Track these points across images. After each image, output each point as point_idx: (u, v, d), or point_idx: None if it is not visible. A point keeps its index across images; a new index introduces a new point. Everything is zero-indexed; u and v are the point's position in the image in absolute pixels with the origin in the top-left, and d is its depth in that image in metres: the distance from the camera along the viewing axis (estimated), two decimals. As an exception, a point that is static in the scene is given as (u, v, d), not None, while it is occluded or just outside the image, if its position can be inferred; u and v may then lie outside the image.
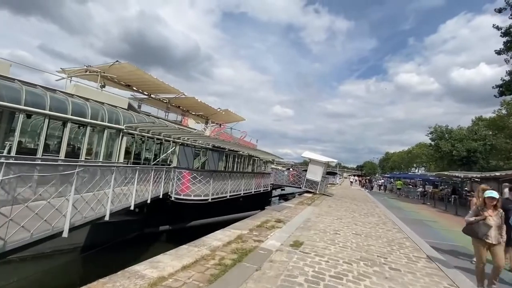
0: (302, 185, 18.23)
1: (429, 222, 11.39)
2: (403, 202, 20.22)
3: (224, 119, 28.27)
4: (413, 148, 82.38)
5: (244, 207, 16.65)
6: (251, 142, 24.19)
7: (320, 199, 15.19)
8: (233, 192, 13.16)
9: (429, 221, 11.54)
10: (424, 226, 10.15)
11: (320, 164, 17.94)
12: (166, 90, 19.75)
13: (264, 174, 17.80)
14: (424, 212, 14.95)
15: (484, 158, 38.54)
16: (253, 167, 24.82)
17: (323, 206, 12.08)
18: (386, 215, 11.58)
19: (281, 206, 10.62)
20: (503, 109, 41.56)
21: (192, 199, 10.30)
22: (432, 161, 62.10)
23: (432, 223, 11.14)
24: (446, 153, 42.43)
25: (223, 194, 11.96)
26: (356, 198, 18.15)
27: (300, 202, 12.61)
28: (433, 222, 11.32)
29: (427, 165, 70.78)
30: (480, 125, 43.17)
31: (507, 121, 40.24)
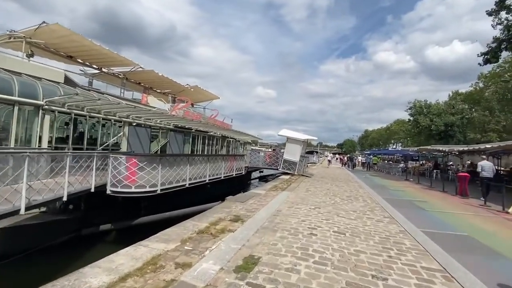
0: (279, 167, 16.33)
1: (419, 202, 9.85)
2: (386, 180, 18.97)
3: (195, 98, 25.40)
4: (392, 125, 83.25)
5: (214, 195, 14.57)
6: (225, 122, 21.77)
7: (298, 181, 13.34)
8: (195, 179, 10.96)
9: (419, 202, 10.01)
10: (416, 209, 8.51)
11: (298, 143, 16.01)
12: (118, 62, 16.63)
13: (236, 156, 15.64)
14: (410, 190, 13.57)
15: (461, 131, 38.53)
16: (228, 149, 22.59)
17: (300, 191, 10.19)
18: (372, 197, 9.91)
19: (248, 194, 8.58)
20: (480, 82, 41.43)
21: (132, 191, 7.99)
22: (409, 137, 62.73)
23: (422, 203, 9.59)
24: (425, 128, 42.14)
25: (179, 183, 9.72)
26: (337, 178, 16.57)
27: (274, 187, 10.65)
28: (423, 203, 9.79)
29: (404, 141, 71.77)
30: (457, 99, 43.00)
31: (483, 94, 40.17)
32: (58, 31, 12.12)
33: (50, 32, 12.11)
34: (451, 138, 39.37)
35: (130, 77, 19.30)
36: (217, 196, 15.07)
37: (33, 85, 9.10)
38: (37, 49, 13.62)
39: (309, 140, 17.78)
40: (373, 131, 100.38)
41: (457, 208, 9.20)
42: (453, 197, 11.64)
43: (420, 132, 44.23)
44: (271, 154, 17.30)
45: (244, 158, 17.24)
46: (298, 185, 11.69)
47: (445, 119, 39.33)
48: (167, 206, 11.51)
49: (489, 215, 8.23)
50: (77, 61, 16.15)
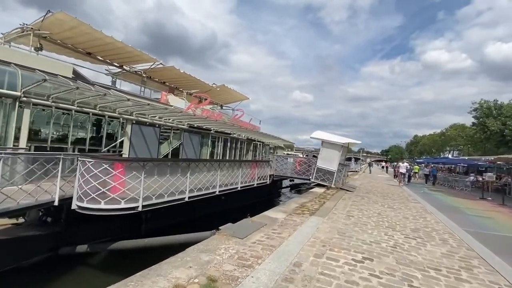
0: (311, 176, 13.15)
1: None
2: (453, 198, 14.46)
3: (222, 99, 23.48)
4: (447, 130, 72.75)
5: (233, 206, 12.04)
6: (252, 124, 19.27)
7: (335, 198, 10.08)
8: (200, 191, 8.52)
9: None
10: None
11: (336, 147, 12.69)
12: (137, 58, 15.25)
13: (259, 163, 12.94)
14: (501, 218, 9.38)
15: (547, 137, 30.51)
16: (255, 153, 19.99)
17: (337, 216, 7.04)
18: (452, 231, 6.34)
19: (258, 221, 5.72)
20: None
21: (102, 208, 5.78)
22: (471, 143, 53.45)
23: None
24: (495, 133, 34.61)
25: (175, 196, 7.35)
26: (388, 194, 12.77)
27: (300, 207, 7.64)
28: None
29: (464, 148, 61.83)
30: (541, 98, 34.51)
31: None
32: (64, 20, 10.86)
33: (57, 22, 10.91)
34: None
35: (153, 76, 17.96)
36: (235, 209, 12.53)
37: (12, 73, 7.59)
38: (51, 44, 12.73)
39: (350, 144, 14.28)
40: (423, 137, 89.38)
41: None
42: None
43: (488, 138, 36.53)
44: (302, 161, 14.21)
45: (270, 164, 14.44)
46: (335, 205, 8.48)
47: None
48: (174, 219, 9.34)
49: None
50: (98, 59, 15.16)
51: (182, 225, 9.40)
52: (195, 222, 10.12)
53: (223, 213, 11.05)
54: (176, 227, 9.13)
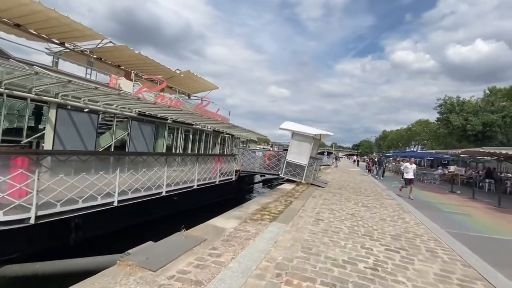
0: (280, 172, 11.80)
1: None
2: (425, 192, 13.92)
3: (189, 87, 21.37)
4: (413, 126, 76.10)
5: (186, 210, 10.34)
6: (219, 114, 17.51)
7: (304, 195, 8.78)
8: (138, 192, 6.75)
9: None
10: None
11: (307, 139, 11.42)
12: (80, 34, 12.80)
13: (222, 157, 11.33)
14: (478, 214, 8.68)
15: (503, 132, 32.15)
16: (223, 147, 18.29)
17: (303, 221, 5.67)
18: (437, 236, 5.25)
19: (197, 234, 4.12)
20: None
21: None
22: (434, 138, 56.00)
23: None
24: (457, 128, 35.97)
25: (96, 201, 5.53)
26: (361, 189, 11.81)
27: (260, 211, 6.16)
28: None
29: (427, 142, 64.80)
30: (498, 95, 36.44)
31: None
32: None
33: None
34: (489, 140, 33.07)
35: (104, 57, 15.47)
36: (195, 209, 10.84)
37: None
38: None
39: (321, 135, 13.11)
40: (391, 132, 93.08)
41: None
42: None
43: (451, 132, 38.00)
44: (271, 155, 12.81)
45: (236, 159, 12.87)
46: (303, 205, 7.14)
47: (483, 117, 33.02)
48: (116, 225, 7.45)
49: None
50: (30, 33, 12.47)
51: (126, 232, 7.59)
52: (143, 227, 8.33)
53: (178, 215, 9.35)
54: (118, 236, 7.31)
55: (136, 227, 8.07)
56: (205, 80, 20.47)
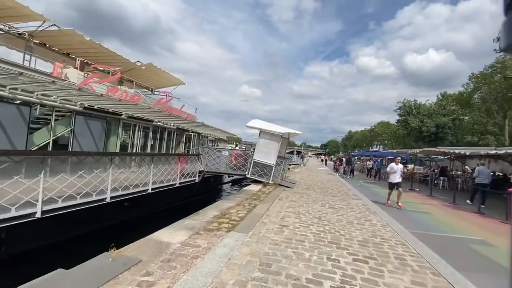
0: (247, 172, 11.16)
1: (485, 250, 5.06)
2: (386, 190, 14.27)
3: (152, 81, 19.82)
4: (375, 127, 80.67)
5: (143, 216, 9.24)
6: (184, 111, 16.39)
7: (270, 198, 8.23)
8: (70, 200, 5.61)
9: (482, 250, 5.21)
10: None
11: (275, 138, 10.93)
12: (14, 13, 10.94)
13: (183, 157, 10.37)
14: (437, 213, 8.86)
15: (453, 134, 35.06)
16: (189, 146, 17.18)
17: (266, 228, 5.06)
18: (404, 241, 4.98)
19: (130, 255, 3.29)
20: (470, 83, 38.24)
21: None
22: (394, 138, 59.70)
23: (490, 251, 4.82)
24: (414, 129, 38.53)
25: (10, 212, 4.37)
26: (328, 189, 11.63)
27: (218, 218, 5.41)
28: (488, 248, 5.03)
29: (388, 142, 68.98)
30: (448, 100, 39.72)
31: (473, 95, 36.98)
32: None
33: None
34: (441, 141, 35.89)
35: (48, 42, 13.50)
36: (153, 214, 9.75)
37: None
38: None
39: (290, 134, 12.74)
40: (356, 133, 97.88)
41: None
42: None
43: (409, 133, 40.63)
44: (238, 154, 12.12)
45: (200, 158, 11.96)
46: (268, 209, 6.55)
47: (436, 120, 35.75)
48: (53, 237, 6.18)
49: None
50: None
51: (52, 249, 6.35)
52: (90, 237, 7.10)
53: (127, 225, 8.25)
54: (40, 255, 6.07)
55: (68, 241, 6.83)
56: (170, 75, 19.09)
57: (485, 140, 29.58)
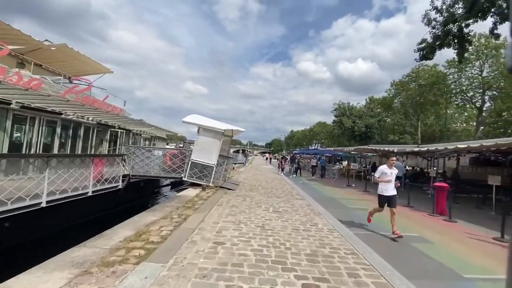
0: (184, 174, 9.72)
1: (427, 248, 4.98)
2: (327, 187, 14.64)
3: (70, 67, 16.30)
4: (314, 127, 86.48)
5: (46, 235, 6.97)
6: (107, 103, 13.78)
7: (207, 205, 7.05)
8: None
9: (424, 246, 5.14)
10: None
11: (216, 135, 9.76)
12: None
13: (98, 159, 8.34)
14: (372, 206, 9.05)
15: (379, 133, 39.47)
16: (115, 145, 14.61)
17: (194, 253, 3.92)
18: (354, 249, 4.48)
19: None
20: (392, 89, 43.74)
21: None
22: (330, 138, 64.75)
23: (432, 250, 4.74)
24: (348, 129, 42.09)
25: None
26: (273, 189, 11.04)
27: (130, 242, 3.99)
28: (429, 246, 4.98)
29: (325, 141, 74.64)
30: (375, 103, 44.62)
31: (394, 100, 42.42)
32: None
33: None
34: (369, 139, 40.07)
35: None
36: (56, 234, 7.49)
37: None
38: None
39: (233, 131, 11.73)
40: (297, 132, 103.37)
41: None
42: (452, 226, 7.39)
43: (343, 133, 44.27)
44: (174, 154, 10.53)
45: (126, 160, 9.98)
46: (203, 220, 5.39)
47: (366, 121, 39.74)
48: None
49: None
50: None
51: None
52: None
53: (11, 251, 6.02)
54: None
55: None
56: (92, 60, 15.91)
57: (404, 139, 33.99)
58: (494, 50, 24.05)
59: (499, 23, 14.73)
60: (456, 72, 28.70)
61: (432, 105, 33.54)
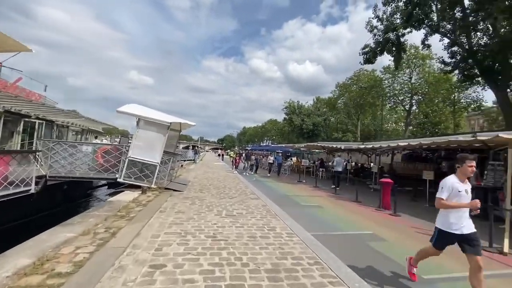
0: (119, 175, 8.22)
1: (382, 246, 4.91)
2: (280, 184, 14.54)
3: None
4: (266, 124, 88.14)
5: None
6: (19, 86, 11.05)
7: (145, 213, 5.90)
8: None
9: (378, 244, 5.08)
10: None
11: (160, 129, 8.47)
12: None
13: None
14: (328, 206, 9.05)
15: (325, 131, 41.95)
16: (31, 139, 11.86)
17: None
18: (317, 258, 4.06)
19: None
20: (336, 90, 46.92)
21: None
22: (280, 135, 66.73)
23: (385, 246, 4.68)
24: (297, 127, 43.71)
25: None
26: (225, 188, 10.25)
27: (20, 277, 2.82)
28: (382, 243, 4.95)
29: (276, 138, 76.77)
30: (321, 103, 47.28)
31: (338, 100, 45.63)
32: None
33: None
34: (316, 137, 42.34)
35: None
36: None
37: None
38: None
39: (182, 125, 10.51)
40: (249, 129, 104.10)
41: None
42: (398, 221, 7.70)
43: (293, 130, 45.86)
44: (108, 151, 8.85)
45: (40, 157, 7.95)
46: (136, 236, 4.32)
47: (313, 119, 41.79)
48: None
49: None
50: None
51: None
52: None
53: None
54: None
55: None
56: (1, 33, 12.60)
57: (346, 137, 36.73)
58: (421, 60, 27.64)
59: (430, 34, 16.71)
60: (391, 77, 32.18)
61: (370, 107, 37.04)
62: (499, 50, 13.35)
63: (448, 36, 16.12)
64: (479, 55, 14.88)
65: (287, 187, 13.10)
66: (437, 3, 15.41)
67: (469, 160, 3.11)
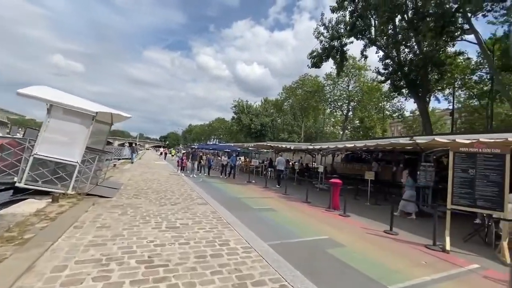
0: (19, 178, 6.18)
1: (342, 257, 4.60)
2: (229, 184, 13.70)
3: None
4: (213, 122, 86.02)
5: None
6: None
7: (52, 230, 4.33)
8: None
9: (339, 254, 4.76)
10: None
11: (82, 120, 6.69)
12: None
13: None
14: (282, 209, 8.63)
15: (272, 132, 42.79)
16: None
17: None
18: (283, 280, 3.39)
19: None
20: (283, 93, 48.48)
21: None
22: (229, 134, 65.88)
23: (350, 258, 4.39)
24: (245, 126, 43.55)
25: None
26: (167, 192, 8.89)
27: None
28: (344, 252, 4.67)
29: (223, 137, 75.54)
30: (269, 104, 48.19)
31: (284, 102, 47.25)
32: None
33: None
34: (263, 137, 42.91)
35: None
36: None
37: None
38: None
39: (114, 116, 8.68)
40: (196, 126, 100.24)
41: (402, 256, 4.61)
42: (349, 222, 7.67)
43: (241, 129, 45.54)
44: (3, 146, 6.61)
45: None
46: (15, 281, 2.95)
47: (261, 119, 42.23)
48: None
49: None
50: None
51: None
52: None
53: None
54: None
55: None
56: None
57: (292, 138, 38.14)
58: (358, 70, 30.51)
59: (368, 46, 18.26)
60: (332, 84, 34.70)
61: (313, 110, 39.32)
62: (422, 65, 15.28)
63: (382, 49, 17.84)
64: (406, 69, 16.85)
65: (237, 188, 12.36)
66: (376, 18, 16.85)
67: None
